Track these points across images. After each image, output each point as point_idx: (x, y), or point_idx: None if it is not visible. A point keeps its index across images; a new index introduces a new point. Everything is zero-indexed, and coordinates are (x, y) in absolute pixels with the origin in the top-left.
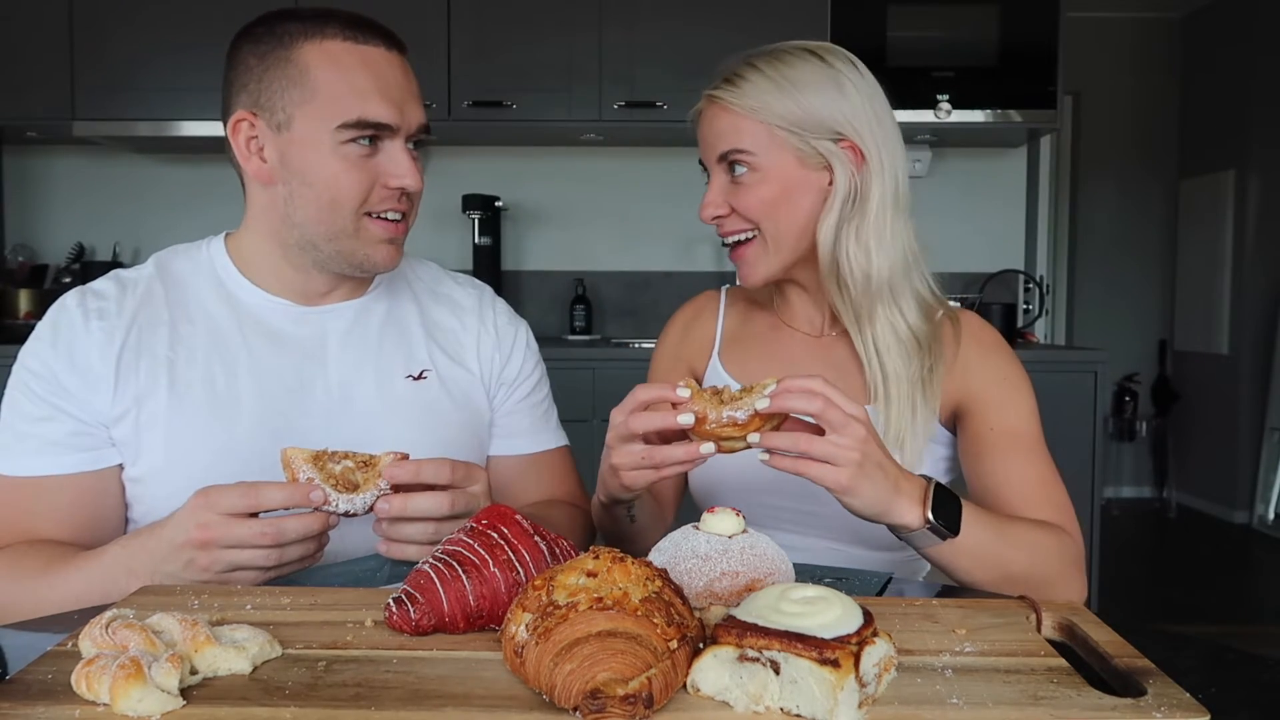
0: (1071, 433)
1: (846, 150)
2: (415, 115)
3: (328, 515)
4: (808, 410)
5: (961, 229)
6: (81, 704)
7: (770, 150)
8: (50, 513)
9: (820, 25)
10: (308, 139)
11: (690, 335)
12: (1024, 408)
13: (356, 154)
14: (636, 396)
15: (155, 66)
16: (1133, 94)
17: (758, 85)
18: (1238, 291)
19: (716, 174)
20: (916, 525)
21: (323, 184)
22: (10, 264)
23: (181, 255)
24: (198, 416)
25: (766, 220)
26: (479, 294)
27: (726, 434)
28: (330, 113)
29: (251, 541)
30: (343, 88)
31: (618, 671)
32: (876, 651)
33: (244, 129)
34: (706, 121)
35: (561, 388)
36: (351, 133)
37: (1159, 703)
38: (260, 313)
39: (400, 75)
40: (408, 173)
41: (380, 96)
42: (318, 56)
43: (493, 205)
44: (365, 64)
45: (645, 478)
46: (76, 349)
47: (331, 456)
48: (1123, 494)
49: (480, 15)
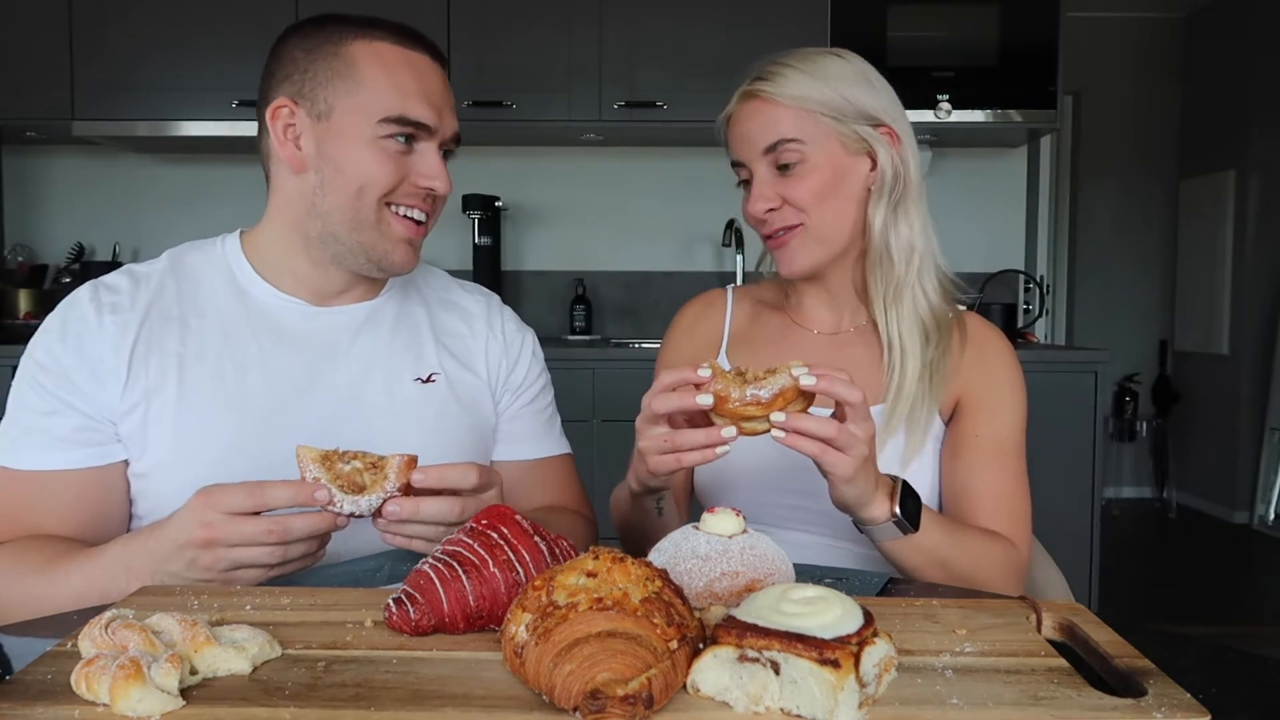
0: (1071, 433)
1: (885, 135)
2: (451, 123)
3: (335, 515)
4: (849, 398)
5: (961, 229)
6: (81, 704)
7: (817, 137)
8: (54, 508)
9: (820, 25)
10: (347, 130)
11: (696, 332)
12: (1010, 416)
13: (393, 149)
14: (662, 380)
15: (155, 66)
16: (1133, 94)
17: (795, 78)
18: (1238, 291)
19: (760, 168)
20: (884, 519)
21: (354, 171)
22: (10, 264)
23: (195, 251)
24: (206, 412)
25: (816, 209)
26: (487, 302)
27: (749, 413)
28: (374, 106)
29: (257, 540)
30: (388, 84)
31: (618, 672)
32: (877, 652)
33: (283, 115)
34: (745, 117)
35: (561, 388)
36: (392, 128)
37: (1159, 703)
38: (272, 310)
39: (441, 84)
40: (438, 175)
41: (423, 99)
42: (367, 54)
43: (493, 205)
44: (411, 67)
45: (667, 463)
46: (87, 343)
47: (341, 456)
48: (1123, 494)
49: (480, 15)
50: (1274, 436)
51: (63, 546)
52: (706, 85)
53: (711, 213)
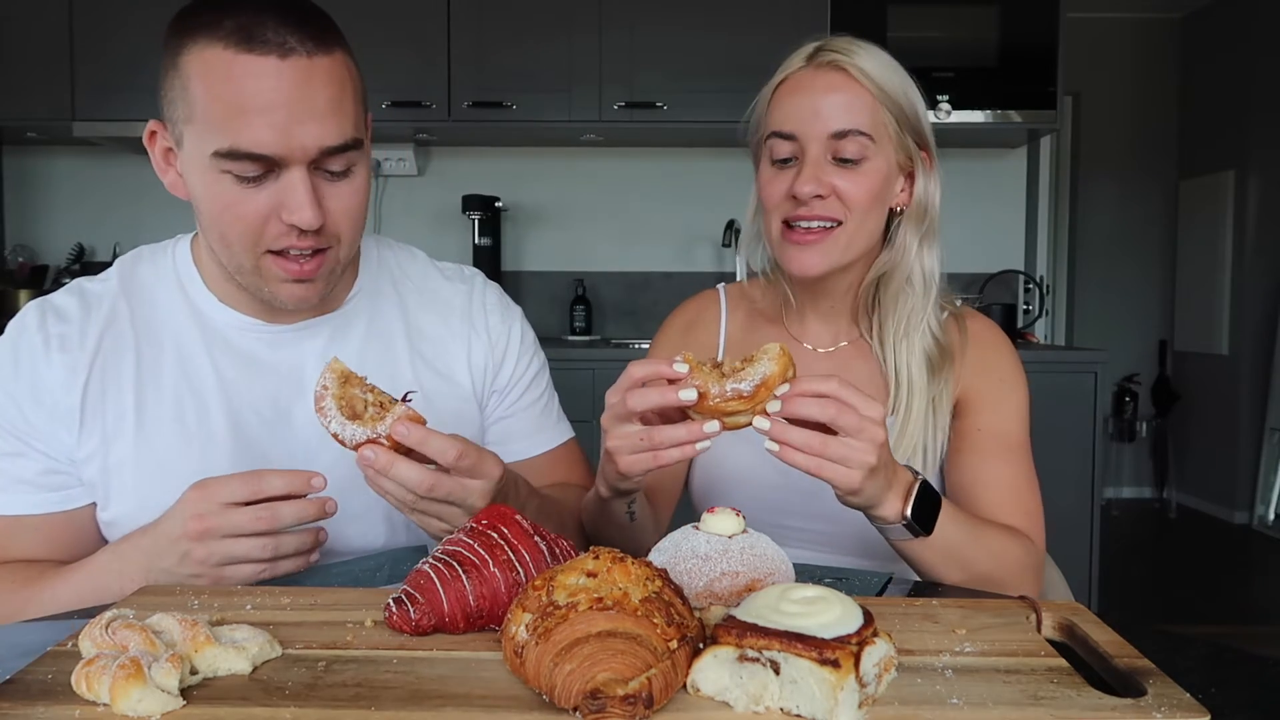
0: (1071, 433)
1: (925, 159)
2: (314, 136)
3: (324, 502)
4: (820, 419)
5: (961, 229)
6: (81, 704)
7: (884, 139)
8: (24, 549)
9: (820, 25)
10: (193, 158)
11: (690, 338)
12: (1014, 410)
13: (236, 189)
14: (631, 374)
15: (155, 66)
16: (1133, 94)
17: (877, 62)
18: (1238, 291)
19: (816, 149)
20: (895, 519)
21: (209, 211)
22: (10, 264)
23: (147, 262)
24: (168, 456)
25: (861, 213)
26: (468, 290)
27: (731, 409)
28: (205, 136)
29: (247, 528)
30: (217, 109)
31: (618, 671)
32: (876, 651)
33: (158, 140)
34: (822, 89)
35: (561, 388)
36: (227, 163)
37: (1159, 703)
38: (230, 334)
39: (292, 90)
40: (300, 207)
41: (261, 120)
42: (198, 67)
43: (493, 205)
44: (245, 78)
45: (643, 462)
46: (40, 381)
47: (361, 384)
48: (1123, 494)
49: (480, 15)
50: (1274, 436)
51: (39, 568)
52: (706, 86)
53: (711, 213)
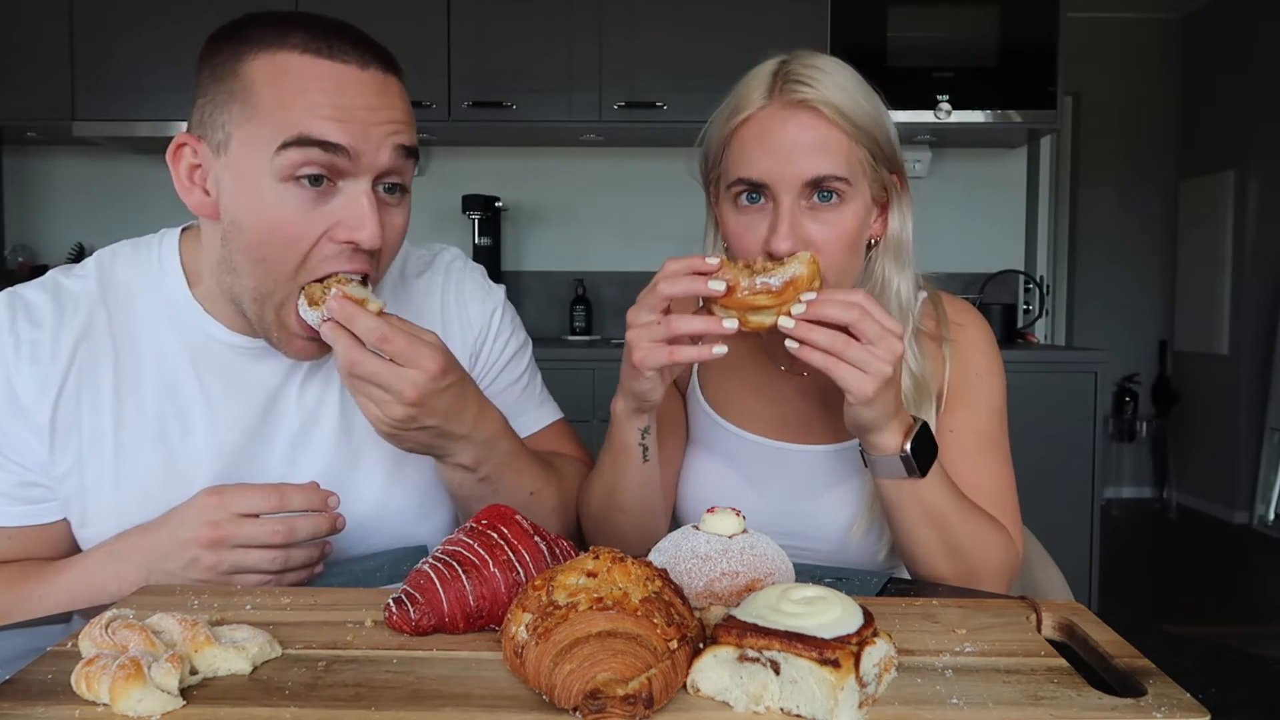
0: (1071, 433)
1: (896, 182)
2: (386, 147)
3: (335, 517)
4: (843, 319)
5: (961, 229)
6: (81, 704)
7: (859, 180)
8: None
9: (820, 26)
10: (244, 165)
11: None
12: (989, 405)
13: (298, 195)
14: (667, 266)
15: (155, 66)
16: (1132, 94)
17: (844, 88)
18: (1238, 291)
19: (789, 199)
20: (894, 451)
21: (254, 228)
22: (10, 264)
23: (129, 262)
24: (149, 480)
25: (839, 264)
26: (442, 282)
27: (759, 304)
28: (269, 130)
29: (262, 540)
30: (289, 99)
31: (618, 671)
32: (876, 651)
33: (185, 155)
34: (794, 130)
35: (561, 388)
36: (294, 155)
37: (1159, 703)
38: (216, 349)
39: (373, 97)
40: (363, 222)
41: (336, 115)
42: (267, 70)
43: (493, 205)
44: (325, 78)
45: (659, 354)
46: (11, 388)
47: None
48: (1123, 494)
49: (480, 15)
50: (1274, 436)
51: (21, 569)
52: (706, 86)
53: None
